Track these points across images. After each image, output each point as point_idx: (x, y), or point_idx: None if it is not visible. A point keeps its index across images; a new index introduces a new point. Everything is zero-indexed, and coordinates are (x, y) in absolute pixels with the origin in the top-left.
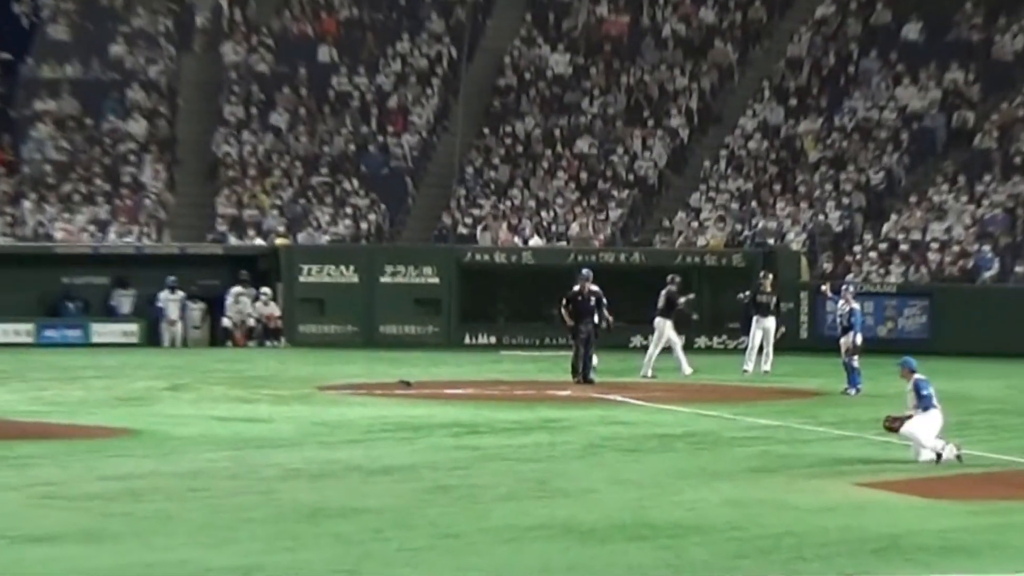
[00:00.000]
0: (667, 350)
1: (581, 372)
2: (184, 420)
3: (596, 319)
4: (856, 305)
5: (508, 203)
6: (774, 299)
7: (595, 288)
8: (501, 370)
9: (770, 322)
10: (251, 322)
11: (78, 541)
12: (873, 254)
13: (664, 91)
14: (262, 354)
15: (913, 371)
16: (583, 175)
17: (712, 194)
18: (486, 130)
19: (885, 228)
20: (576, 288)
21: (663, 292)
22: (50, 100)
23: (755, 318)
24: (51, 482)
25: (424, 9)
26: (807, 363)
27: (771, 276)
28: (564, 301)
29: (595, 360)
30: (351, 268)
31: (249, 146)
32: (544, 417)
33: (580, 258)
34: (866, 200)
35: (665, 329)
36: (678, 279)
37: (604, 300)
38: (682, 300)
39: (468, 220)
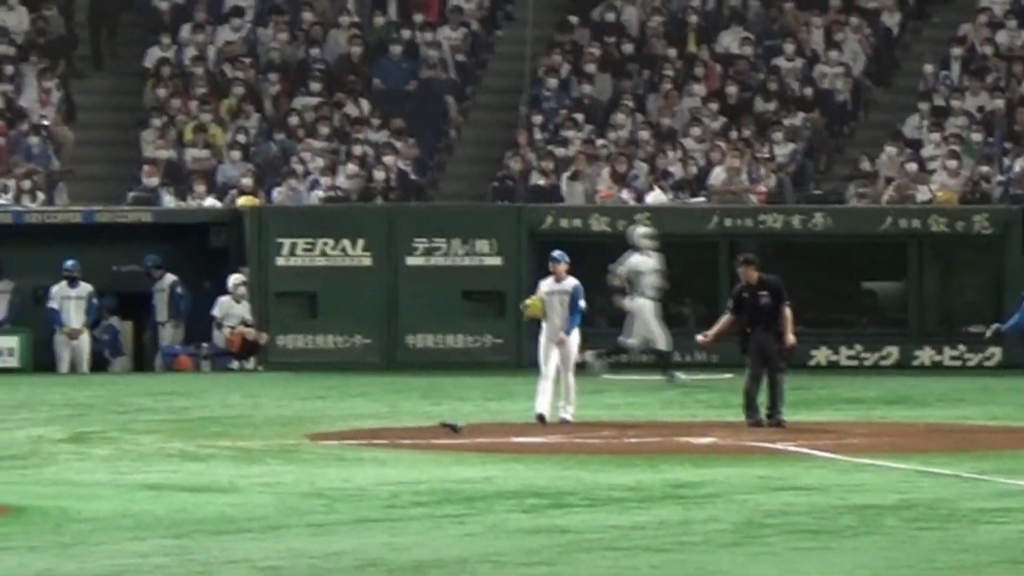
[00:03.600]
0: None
1: (757, 409)
2: (95, 490)
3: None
4: None
5: (610, 136)
6: None
7: (771, 278)
8: (603, 404)
9: None
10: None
11: None
12: None
13: None
14: (218, 383)
15: None
16: (731, 89)
17: (939, 118)
18: (573, 19)
19: None
20: (741, 282)
21: None
22: None
23: None
24: None
25: None
26: None
27: None
28: (731, 302)
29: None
30: (359, 243)
31: (193, 48)
32: (673, 480)
33: (728, 222)
34: None
35: None
36: None
37: (785, 297)
38: None
39: (547, 164)
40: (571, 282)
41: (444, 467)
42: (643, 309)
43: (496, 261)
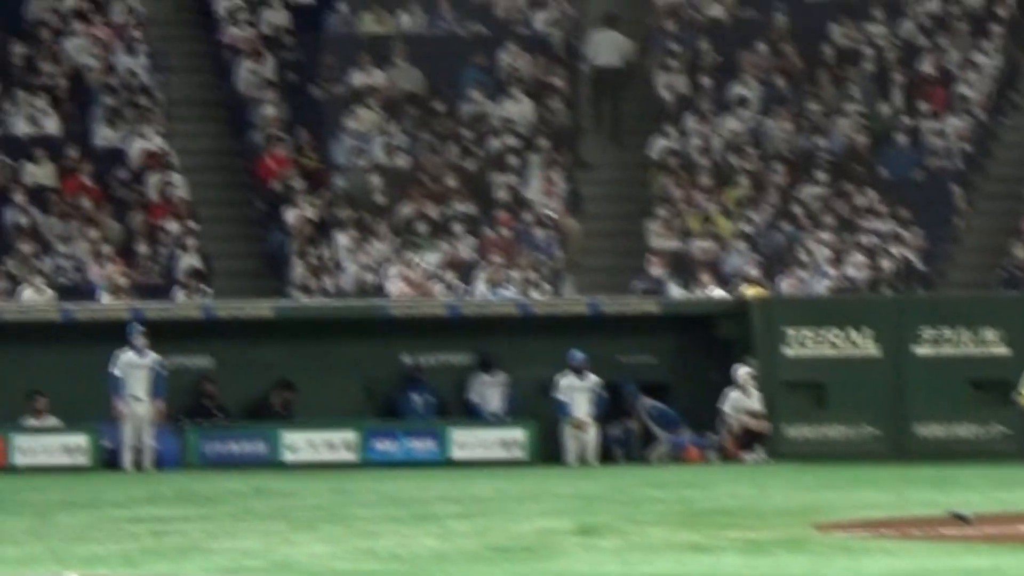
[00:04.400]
0: None
1: None
2: None
3: None
4: None
5: None
6: None
7: None
8: None
9: None
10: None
11: None
12: None
13: None
14: (724, 473)
15: None
16: None
17: None
18: None
19: None
20: None
21: None
22: (376, 70)
23: None
24: None
25: None
26: None
27: None
28: None
29: None
30: (867, 333)
31: (698, 138)
32: None
33: None
34: None
35: None
36: None
37: None
38: None
39: None
40: None
41: (953, 557)
42: None
43: (1004, 350)
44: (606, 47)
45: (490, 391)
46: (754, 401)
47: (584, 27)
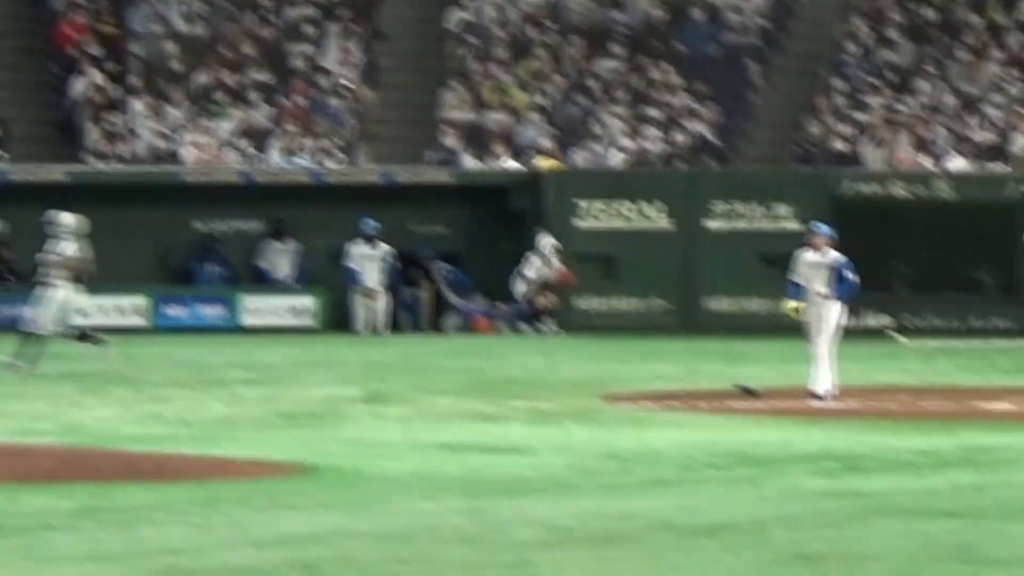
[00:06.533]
0: None
1: None
2: (389, 449)
3: None
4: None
5: (912, 102)
6: None
7: None
8: (899, 369)
9: None
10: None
11: None
12: None
13: None
14: (515, 344)
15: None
16: None
17: None
18: None
19: None
20: None
21: None
22: None
23: None
24: (173, 550)
25: None
26: None
27: None
28: None
29: None
30: (659, 207)
31: (493, 10)
32: (968, 445)
33: None
34: None
35: None
36: None
37: None
38: None
39: (847, 129)
40: (833, 255)
41: (740, 430)
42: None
43: (795, 225)
44: None
45: (281, 258)
46: (554, 272)
47: None
